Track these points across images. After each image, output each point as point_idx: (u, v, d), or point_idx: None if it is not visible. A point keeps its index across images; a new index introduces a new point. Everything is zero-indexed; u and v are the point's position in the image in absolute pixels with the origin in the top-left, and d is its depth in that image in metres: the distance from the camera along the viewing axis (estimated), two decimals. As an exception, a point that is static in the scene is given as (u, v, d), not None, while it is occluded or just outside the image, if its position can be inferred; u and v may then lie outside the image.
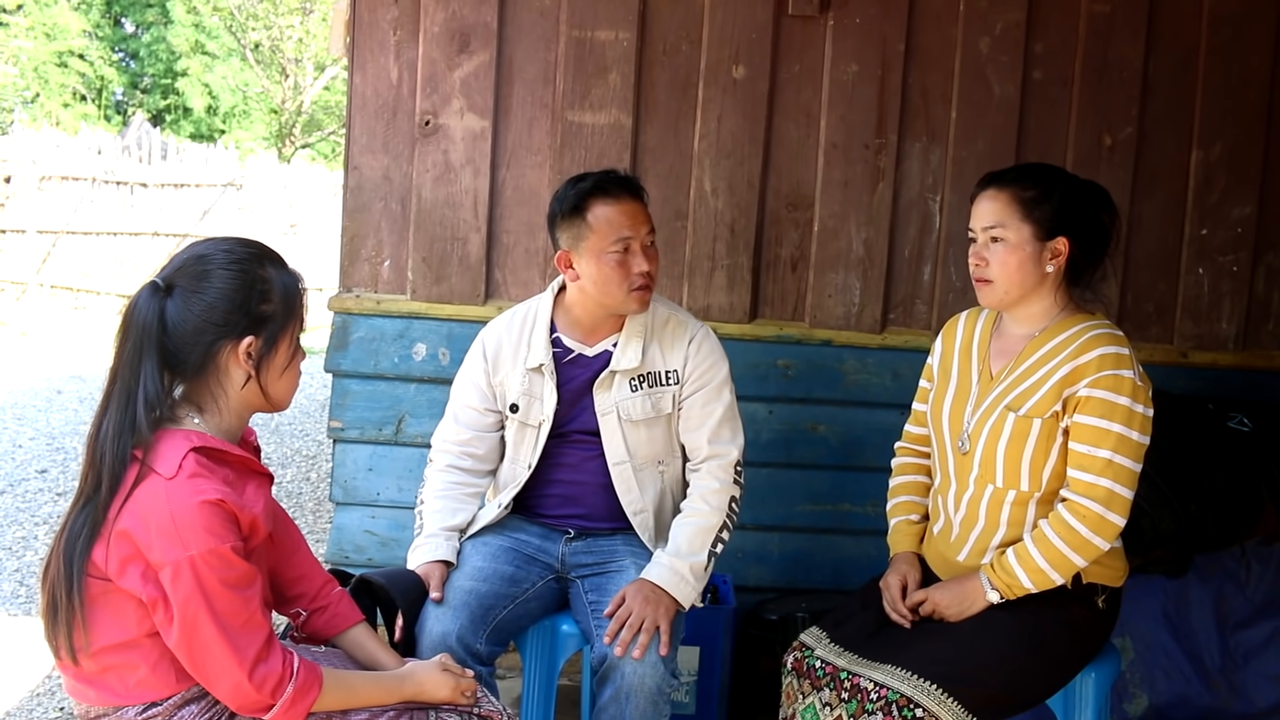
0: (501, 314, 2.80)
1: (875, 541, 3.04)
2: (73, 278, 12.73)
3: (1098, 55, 3.49)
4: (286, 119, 22.36)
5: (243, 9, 21.07)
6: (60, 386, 8.58)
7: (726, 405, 2.67)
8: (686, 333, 2.69)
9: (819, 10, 3.43)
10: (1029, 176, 2.35)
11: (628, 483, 2.65)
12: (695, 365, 2.66)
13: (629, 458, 2.64)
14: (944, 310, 3.49)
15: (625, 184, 2.58)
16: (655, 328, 2.68)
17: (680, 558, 2.52)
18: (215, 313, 1.80)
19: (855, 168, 3.48)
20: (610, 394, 2.63)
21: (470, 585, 2.47)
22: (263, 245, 1.92)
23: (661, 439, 2.68)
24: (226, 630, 1.71)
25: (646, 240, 2.57)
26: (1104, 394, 2.21)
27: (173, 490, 1.70)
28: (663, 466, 2.69)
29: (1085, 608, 2.31)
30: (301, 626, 2.11)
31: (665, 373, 2.66)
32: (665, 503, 2.70)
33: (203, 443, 1.78)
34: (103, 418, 1.77)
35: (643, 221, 2.56)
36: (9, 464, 6.29)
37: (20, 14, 21.76)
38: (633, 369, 2.63)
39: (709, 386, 2.67)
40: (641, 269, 2.55)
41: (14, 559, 4.75)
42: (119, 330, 1.80)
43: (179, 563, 1.67)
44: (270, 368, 1.87)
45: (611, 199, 2.54)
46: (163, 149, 14.96)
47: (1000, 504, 2.33)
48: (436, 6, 3.38)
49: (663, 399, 2.65)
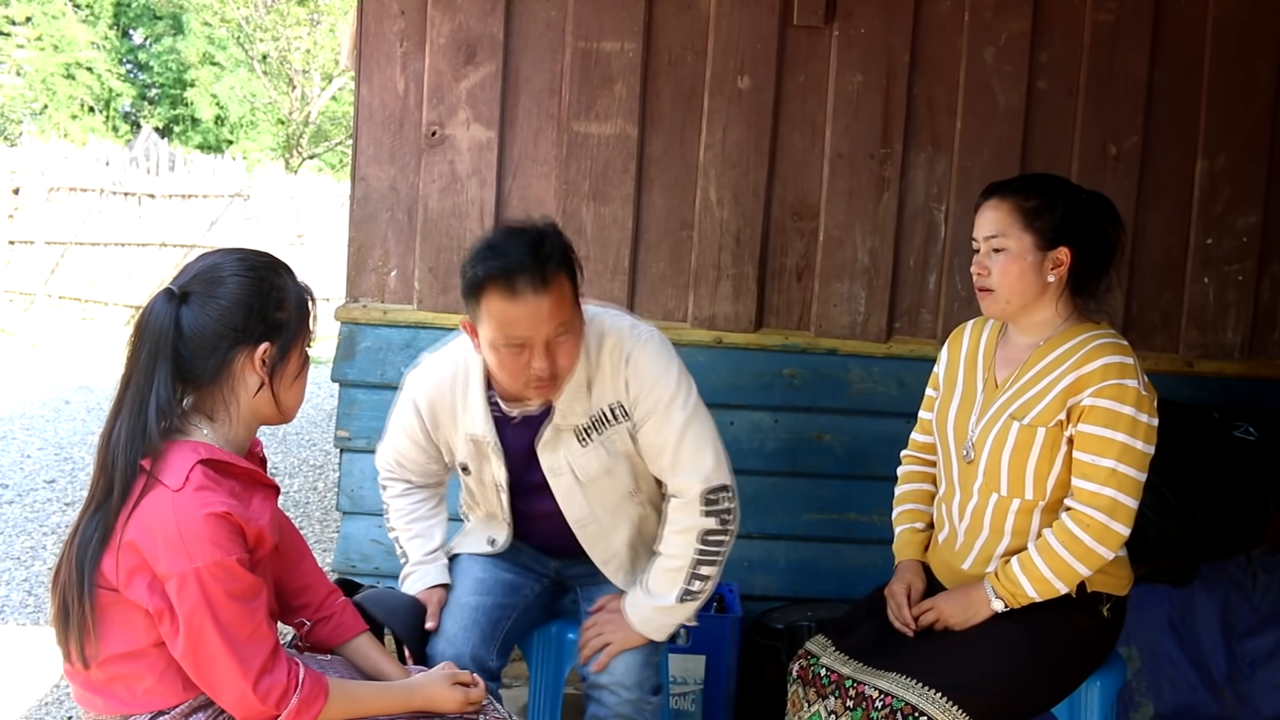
0: (426, 365, 2.50)
1: (881, 550, 3.04)
2: (81, 288, 12.76)
3: (1102, 65, 3.49)
4: (294, 130, 22.44)
5: (250, 20, 21.14)
6: (68, 397, 8.60)
7: (679, 427, 2.35)
8: (622, 353, 2.35)
9: (824, 21, 3.44)
10: (1032, 186, 2.36)
11: (593, 540, 2.47)
12: (637, 389, 2.35)
13: (591, 515, 2.44)
14: (949, 319, 3.49)
15: (534, 277, 2.15)
16: (592, 361, 2.35)
17: (649, 596, 2.42)
18: (233, 318, 1.81)
19: (860, 177, 3.49)
20: (558, 453, 2.38)
21: (475, 600, 2.47)
22: (274, 256, 1.94)
23: (625, 474, 2.43)
24: (232, 641, 1.71)
25: (553, 336, 2.20)
26: (1108, 403, 2.21)
27: (179, 502, 1.71)
28: (637, 495, 2.48)
29: (1090, 616, 2.31)
30: (306, 636, 2.12)
31: (610, 409, 2.37)
32: (643, 527, 2.51)
33: (210, 455, 1.78)
34: (114, 423, 1.77)
35: (545, 321, 2.17)
36: (17, 474, 6.31)
37: (28, 26, 21.86)
38: (579, 423, 2.37)
39: (656, 411, 2.35)
40: (539, 371, 2.21)
41: (22, 568, 4.76)
42: (132, 337, 1.80)
43: (184, 574, 1.68)
44: (283, 376, 1.88)
45: (509, 296, 2.15)
46: (170, 160, 15.01)
47: (1005, 513, 2.33)
48: (443, 18, 3.40)
49: (617, 439, 2.38)
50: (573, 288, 2.24)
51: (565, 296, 2.21)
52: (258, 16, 21.04)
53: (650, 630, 2.42)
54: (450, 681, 2.05)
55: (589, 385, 2.35)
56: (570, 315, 2.23)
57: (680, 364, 2.40)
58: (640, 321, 2.45)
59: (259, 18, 21.05)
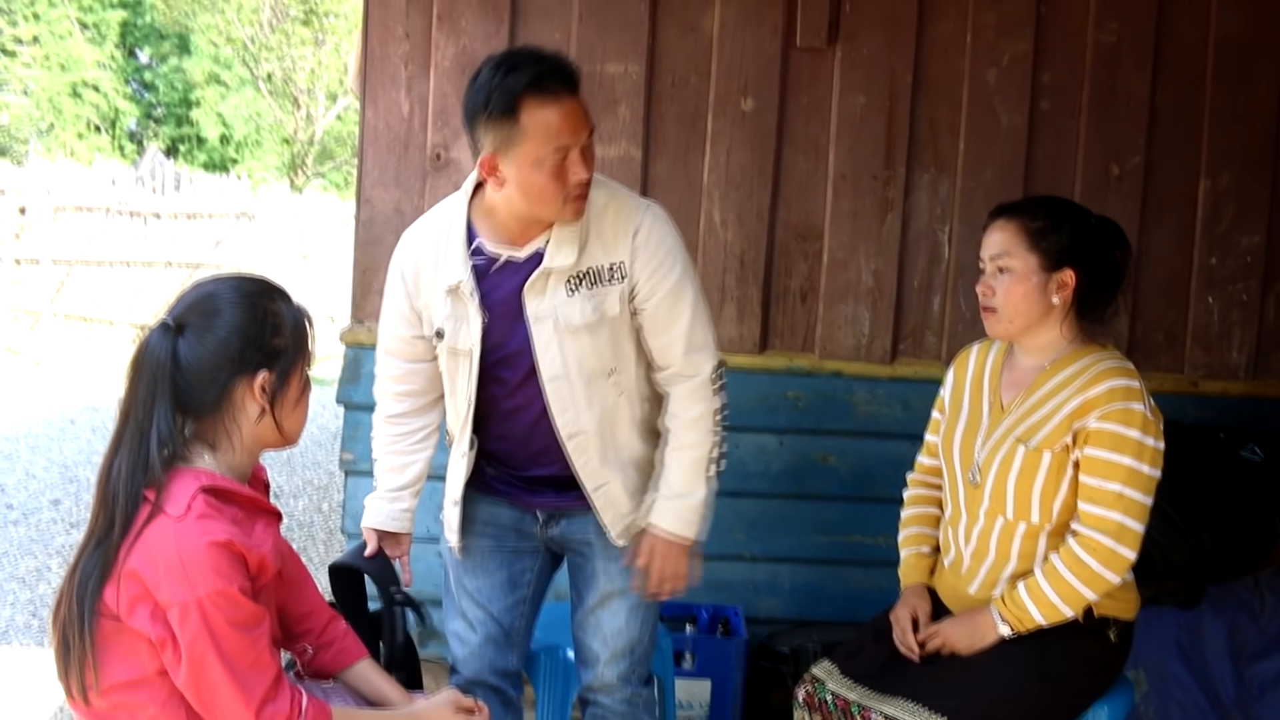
0: (406, 233, 2.44)
1: (886, 573, 3.03)
2: (86, 307, 12.79)
3: (1105, 85, 3.50)
4: (299, 149, 22.52)
5: (256, 40, 21.24)
6: (74, 416, 8.61)
7: (692, 305, 2.30)
8: (630, 221, 2.26)
9: (827, 43, 3.45)
10: (1039, 208, 2.36)
11: (564, 401, 2.28)
12: (645, 261, 2.26)
13: (564, 372, 2.27)
14: (954, 340, 3.49)
15: (563, 76, 2.14)
16: (593, 217, 2.26)
17: (679, 498, 2.32)
18: (230, 348, 1.80)
19: (864, 199, 3.49)
20: (545, 298, 2.24)
21: (480, 615, 2.45)
22: (269, 280, 1.92)
23: (608, 345, 2.29)
24: (234, 670, 1.71)
25: (589, 139, 2.18)
26: (1114, 427, 2.20)
27: (181, 531, 1.71)
28: (615, 376, 2.31)
29: (1097, 641, 2.30)
30: (308, 664, 2.12)
31: (609, 267, 2.26)
32: (616, 417, 2.34)
33: (212, 482, 1.78)
34: (114, 458, 1.77)
35: (583, 124, 2.16)
36: (22, 494, 6.31)
37: (35, 45, 21.97)
38: (568, 267, 2.23)
39: (667, 285, 2.27)
40: (580, 178, 2.16)
41: (27, 590, 4.76)
42: (130, 371, 1.80)
43: (186, 603, 1.68)
44: (283, 402, 1.88)
45: (550, 99, 2.11)
46: (176, 179, 15.05)
47: (1011, 536, 2.32)
48: (447, 41, 3.41)
49: (607, 299, 2.25)
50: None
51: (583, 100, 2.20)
52: (263, 36, 21.14)
53: (689, 530, 2.34)
54: (454, 708, 2.04)
55: (584, 237, 2.25)
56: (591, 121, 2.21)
57: (680, 237, 2.36)
58: (636, 194, 2.39)
59: (264, 37, 21.15)
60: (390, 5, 3.44)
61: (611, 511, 2.36)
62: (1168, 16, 3.51)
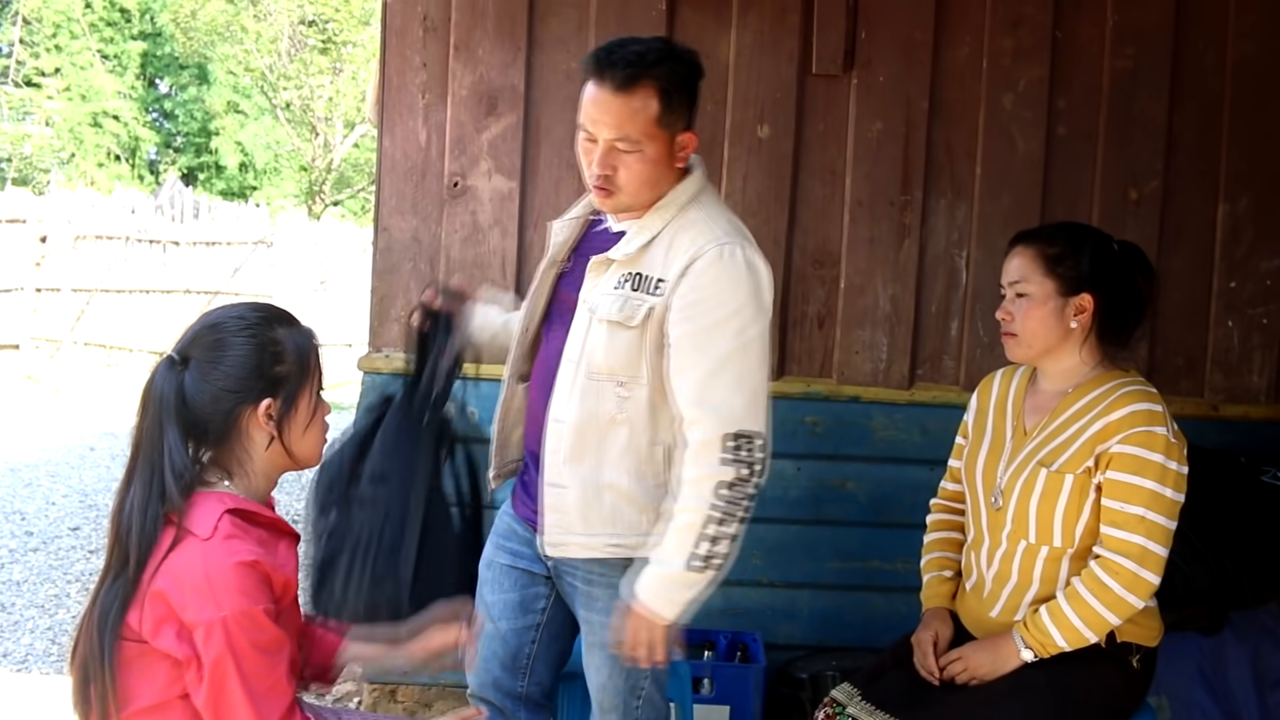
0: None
1: (905, 599, 3.02)
2: (106, 335, 12.86)
3: (1121, 110, 3.50)
4: (316, 176, 22.65)
5: (274, 69, 21.41)
6: (93, 444, 8.65)
7: (719, 358, 2.11)
8: (696, 247, 2.15)
9: (843, 69, 3.46)
10: (1058, 234, 2.38)
11: (565, 381, 2.23)
12: (687, 291, 2.14)
13: (578, 356, 2.21)
14: (971, 366, 3.49)
15: (620, 74, 2.12)
16: (676, 227, 2.19)
17: (658, 564, 2.15)
18: (230, 380, 1.82)
19: (881, 225, 3.50)
20: (600, 280, 2.23)
21: (490, 628, 2.41)
22: (272, 307, 1.94)
23: (623, 353, 2.18)
24: (252, 694, 1.72)
25: (615, 141, 2.14)
26: (1136, 450, 2.20)
27: (209, 551, 1.72)
28: (622, 389, 2.19)
29: (1119, 667, 2.29)
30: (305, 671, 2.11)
31: (656, 280, 2.17)
32: (608, 430, 2.21)
33: (236, 504, 1.80)
34: (126, 493, 1.79)
35: (611, 121, 2.13)
36: (42, 521, 6.33)
37: (58, 77, 22.20)
38: (627, 259, 2.20)
39: (698, 325, 2.13)
40: (595, 169, 2.16)
41: (46, 616, 4.77)
42: (139, 406, 1.83)
43: (212, 622, 1.69)
44: (292, 426, 1.89)
45: (593, 81, 2.15)
46: (195, 208, 15.16)
47: (1033, 560, 2.31)
48: (464, 70, 3.44)
49: (638, 308, 2.17)
50: (660, 111, 2.14)
51: (645, 111, 2.12)
52: (281, 65, 21.31)
53: (659, 604, 2.15)
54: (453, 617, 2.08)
55: (657, 238, 2.20)
56: (641, 134, 2.13)
57: (756, 294, 2.16)
58: (740, 235, 2.21)
59: (282, 66, 21.31)
60: (408, 35, 3.47)
61: (555, 516, 2.25)
62: (1184, 41, 3.51)
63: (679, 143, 2.21)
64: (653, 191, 2.21)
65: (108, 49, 23.74)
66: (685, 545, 2.12)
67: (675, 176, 2.24)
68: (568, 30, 3.46)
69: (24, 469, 7.60)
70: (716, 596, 3.47)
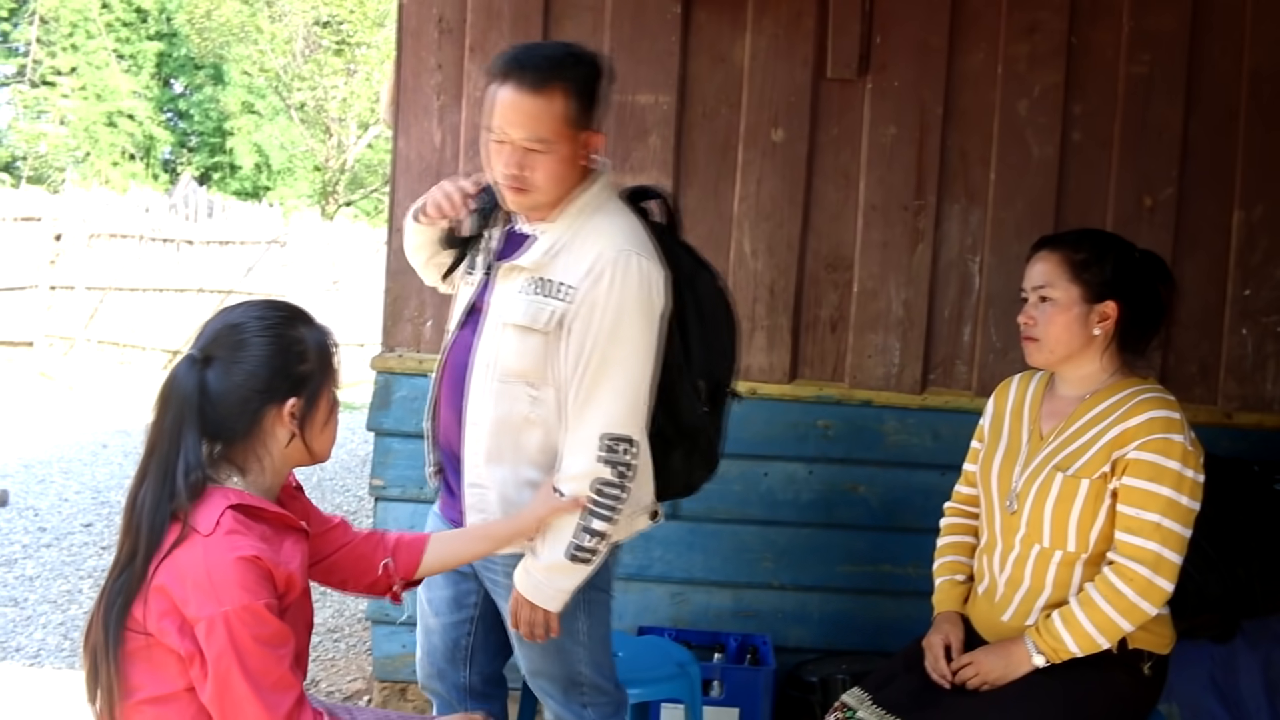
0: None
1: (916, 603, 3.02)
2: (119, 333, 12.91)
3: (1136, 116, 3.50)
4: (330, 177, 22.71)
5: (288, 69, 21.48)
6: (106, 441, 8.68)
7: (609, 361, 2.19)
8: (597, 254, 2.20)
9: (857, 74, 3.47)
10: (1083, 240, 2.37)
11: (479, 386, 2.28)
12: (586, 297, 2.19)
13: (490, 361, 2.27)
14: (984, 371, 3.49)
15: (530, 76, 2.17)
16: (582, 233, 2.25)
17: (536, 556, 2.24)
18: (258, 380, 1.83)
19: (894, 229, 3.50)
20: (509, 284, 2.28)
21: (429, 624, 2.52)
22: (291, 305, 1.95)
23: (532, 356, 2.24)
24: (258, 688, 1.72)
25: (524, 142, 2.18)
26: (1153, 457, 2.20)
27: (210, 546, 1.73)
28: (534, 391, 2.25)
29: (1130, 674, 2.28)
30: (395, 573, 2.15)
31: (560, 284, 2.22)
32: (521, 433, 2.28)
33: (240, 500, 1.81)
34: (139, 488, 1.80)
35: (521, 121, 2.17)
36: (55, 517, 6.36)
37: (73, 76, 22.29)
38: (533, 267, 2.25)
39: (590, 329, 2.19)
40: (506, 169, 2.20)
41: (59, 612, 4.79)
42: (158, 403, 1.83)
43: (213, 618, 1.70)
44: (312, 424, 1.91)
45: (501, 83, 2.20)
46: (209, 207, 15.22)
47: (1046, 564, 2.31)
48: (479, 72, 3.44)
49: (545, 312, 2.22)
50: (570, 112, 2.20)
51: (555, 113, 2.18)
52: (295, 66, 21.37)
53: (542, 598, 2.23)
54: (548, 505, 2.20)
55: (563, 246, 2.25)
56: (553, 134, 2.18)
57: (648, 303, 2.22)
58: (640, 243, 2.26)
59: (297, 67, 21.38)
60: (423, 36, 3.48)
61: (477, 516, 2.32)
62: (1200, 48, 3.50)
63: (587, 142, 2.26)
64: (562, 188, 2.26)
65: (124, 49, 23.85)
66: (561, 538, 2.21)
67: (581, 175, 2.30)
68: (583, 32, 3.47)
69: (37, 465, 7.64)
70: (727, 599, 3.51)
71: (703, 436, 2.42)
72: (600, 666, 2.43)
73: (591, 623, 2.39)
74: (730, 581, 3.53)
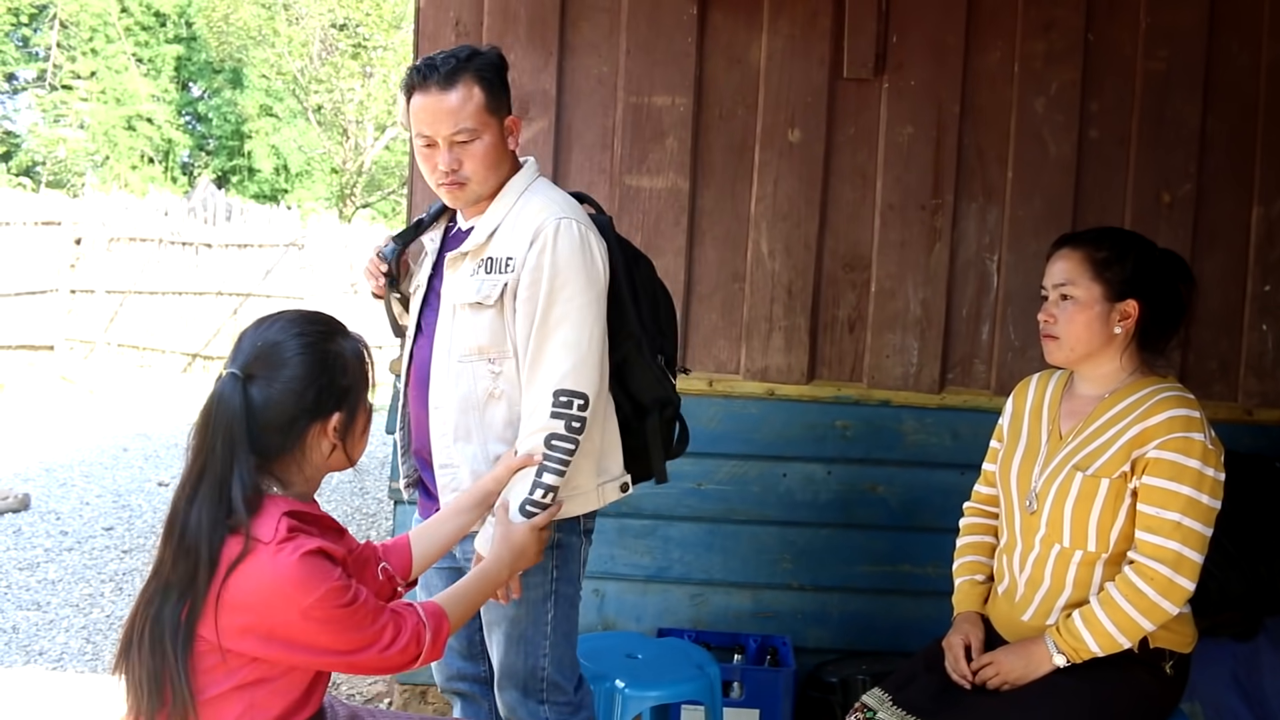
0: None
1: (935, 603, 3.01)
2: (139, 336, 12.98)
3: (1154, 113, 3.49)
4: (347, 179, 22.77)
5: (305, 72, 21.55)
6: (126, 444, 8.73)
7: (555, 319, 2.28)
8: (536, 224, 2.31)
9: (874, 73, 3.46)
10: (1104, 238, 2.37)
11: (440, 371, 2.39)
12: (532, 264, 2.30)
13: (447, 346, 2.38)
14: (1003, 370, 3.48)
15: (440, 75, 2.30)
16: (517, 212, 2.38)
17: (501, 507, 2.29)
18: (305, 399, 1.84)
19: (912, 228, 3.49)
20: (456, 273, 2.40)
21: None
22: (325, 316, 1.96)
23: (488, 330, 2.34)
24: (364, 635, 1.81)
25: (453, 135, 2.31)
26: (1173, 456, 2.19)
27: (278, 553, 1.75)
28: (493, 366, 2.35)
29: (1152, 673, 2.28)
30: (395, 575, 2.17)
31: (506, 259, 2.33)
32: (487, 408, 2.37)
33: (291, 507, 1.83)
34: (191, 510, 1.78)
35: (445, 118, 2.30)
36: (76, 521, 6.40)
37: (93, 80, 22.41)
38: (476, 250, 2.37)
39: (536, 291, 2.29)
40: (443, 166, 2.33)
41: (81, 615, 4.82)
42: (202, 424, 1.82)
43: (304, 611, 1.74)
44: (352, 434, 1.94)
45: (416, 90, 2.33)
46: (227, 210, 15.27)
47: (1066, 564, 2.31)
48: (496, 75, 3.45)
49: (494, 286, 2.33)
50: (485, 99, 2.33)
51: (471, 101, 2.31)
52: (313, 69, 21.44)
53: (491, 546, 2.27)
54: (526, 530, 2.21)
55: (501, 225, 2.37)
56: (476, 122, 2.32)
57: (589, 266, 2.32)
58: (576, 212, 2.38)
59: (314, 70, 21.44)
60: (440, 39, 3.49)
61: (451, 495, 2.38)
62: (1218, 43, 3.49)
63: (507, 126, 2.40)
64: (496, 175, 2.39)
65: (142, 53, 23.97)
66: (521, 492, 2.26)
67: (511, 162, 2.43)
68: (599, 35, 3.48)
69: (58, 469, 7.68)
70: (746, 600, 3.51)
71: (670, 406, 2.50)
72: (561, 664, 2.45)
73: (557, 615, 2.43)
74: (749, 582, 3.54)
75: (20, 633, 4.58)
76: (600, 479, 2.40)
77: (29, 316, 12.02)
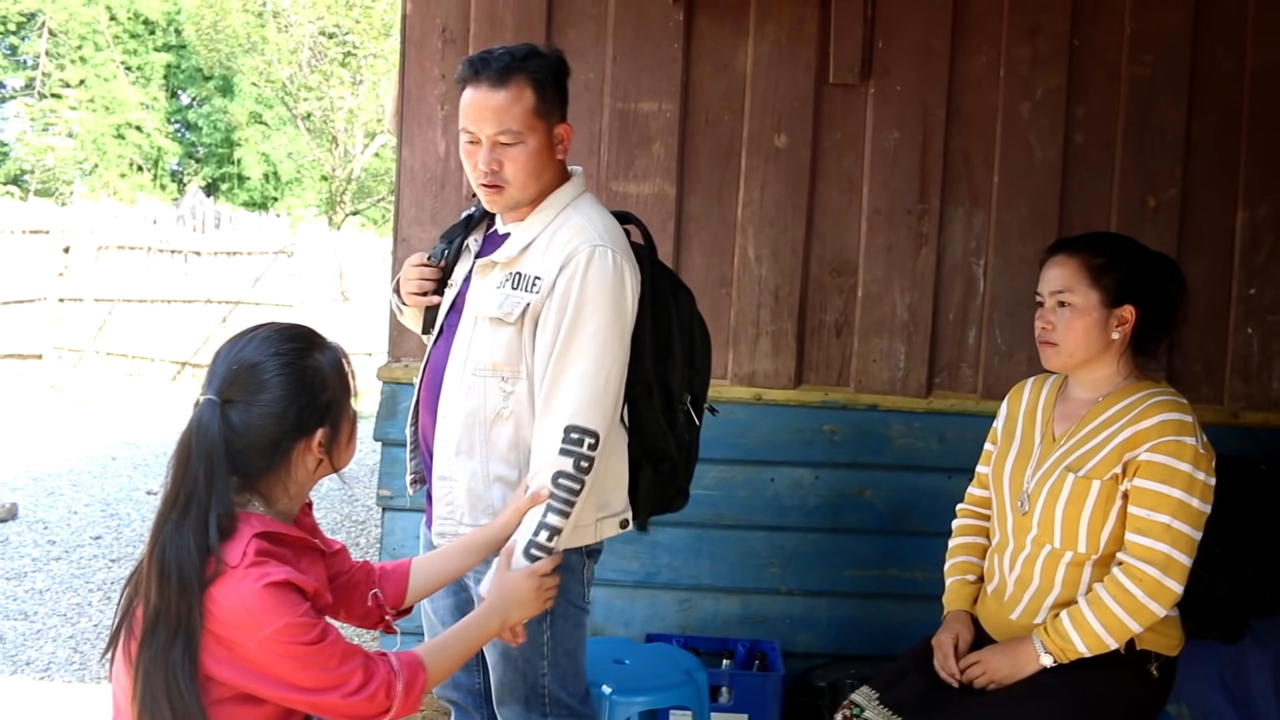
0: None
1: (924, 606, 3.02)
2: (128, 345, 12.96)
3: (1139, 118, 3.50)
4: (337, 186, 22.76)
5: (294, 79, 21.55)
6: (115, 453, 8.70)
7: (574, 352, 2.20)
8: (570, 248, 2.23)
9: (859, 79, 3.47)
10: (1099, 244, 2.38)
11: (453, 379, 2.31)
12: (560, 290, 2.21)
13: (464, 357, 2.30)
14: (990, 374, 3.49)
15: (493, 73, 2.22)
16: (554, 228, 2.28)
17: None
18: (286, 420, 1.81)
19: (898, 233, 3.50)
20: (484, 280, 2.32)
21: (435, 634, 2.45)
22: (300, 330, 1.92)
23: (504, 348, 2.26)
24: (329, 676, 1.76)
25: (496, 136, 2.23)
26: (1165, 459, 2.20)
27: (242, 578, 1.72)
28: (506, 384, 2.27)
29: (1138, 675, 2.28)
30: (386, 602, 2.16)
31: (534, 277, 2.25)
32: (494, 426, 2.29)
33: (264, 528, 1.80)
34: (177, 537, 1.75)
35: (490, 117, 2.22)
36: (64, 530, 6.37)
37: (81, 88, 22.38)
38: (507, 262, 2.29)
39: (560, 320, 2.21)
40: (482, 166, 2.24)
41: (68, 625, 4.81)
42: (182, 453, 1.78)
43: (262, 641, 1.71)
44: (337, 445, 1.91)
45: (467, 84, 2.25)
46: (216, 218, 15.25)
47: (1056, 565, 2.32)
48: (483, 81, 3.45)
49: (516, 304, 2.25)
50: (536, 102, 2.24)
51: (521, 103, 2.23)
52: (302, 76, 21.44)
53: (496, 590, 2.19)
54: (526, 575, 2.11)
55: (537, 239, 2.28)
56: (521, 125, 2.23)
57: (619, 299, 2.24)
58: (615, 239, 2.28)
59: (303, 77, 21.44)
60: (427, 46, 3.49)
61: (444, 509, 2.35)
62: (1202, 49, 3.51)
63: (557, 134, 2.30)
64: (537, 183, 2.29)
65: (131, 60, 23.93)
66: (526, 534, 2.18)
67: (557, 170, 2.33)
68: (585, 41, 3.48)
69: (46, 478, 7.66)
70: (735, 605, 3.51)
71: (666, 460, 2.40)
72: (565, 680, 2.38)
73: (556, 633, 2.35)
74: (738, 587, 3.54)
75: (7, 642, 4.56)
76: (599, 514, 2.33)
77: (17, 325, 11.99)
